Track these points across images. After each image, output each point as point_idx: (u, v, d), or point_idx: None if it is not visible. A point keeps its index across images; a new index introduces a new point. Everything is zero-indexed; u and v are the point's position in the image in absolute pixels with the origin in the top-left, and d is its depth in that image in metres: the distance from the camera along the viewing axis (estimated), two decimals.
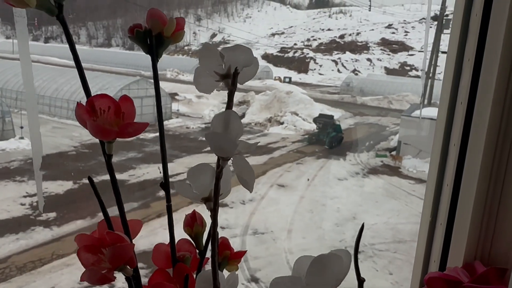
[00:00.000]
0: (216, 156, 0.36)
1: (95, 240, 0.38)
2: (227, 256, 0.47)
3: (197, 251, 0.46)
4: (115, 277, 0.37)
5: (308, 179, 10.29)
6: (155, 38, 0.40)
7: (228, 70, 0.36)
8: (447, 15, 15.65)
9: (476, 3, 0.65)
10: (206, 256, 0.46)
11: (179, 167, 10.40)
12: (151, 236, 6.57)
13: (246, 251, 0.47)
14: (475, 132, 0.66)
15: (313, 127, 16.35)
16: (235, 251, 0.48)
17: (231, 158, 0.36)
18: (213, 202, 0.38)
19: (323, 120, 15.28)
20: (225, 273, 0.48)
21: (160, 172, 0.43)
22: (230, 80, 0.36)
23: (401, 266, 6.66)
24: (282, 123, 17.07)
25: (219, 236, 0.48)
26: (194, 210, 0.46)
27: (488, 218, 0.66)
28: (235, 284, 0.40)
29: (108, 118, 0.38)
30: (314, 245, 7.29)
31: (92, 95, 0.39)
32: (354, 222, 8.33)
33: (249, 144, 0.36)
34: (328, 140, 14.20)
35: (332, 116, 16.05)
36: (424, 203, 0.76)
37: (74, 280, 5.60)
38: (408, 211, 8.81)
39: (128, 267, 0.39)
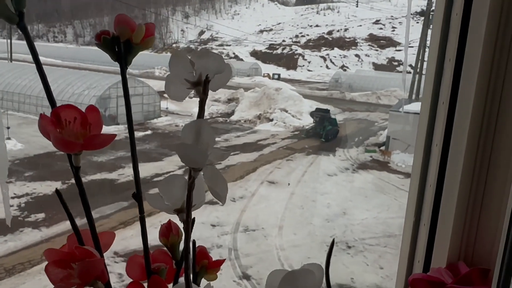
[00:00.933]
0: None
1: (64, 254, 0.37)
2: (205, 265, 0.46)
3: (174, 261, 0.45)
4: None
5: (289, 184, 10.18)
6: (123, 45, 0.39)
7: (199, 77, 0.35)
8: (433, 10, 15.72)
9: (457, 3, 0.65)
10: (183, 267, 0.44)
11: (169, 165, 10.35)
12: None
13: (225, 259, 0.46)
14: (457, 132, 0.65)
15: (302, 123, 16.72)
16: (213, 259, 0.47)
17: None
18: (186, 213, 0.37)
19: (320, 114, 15.77)
20: (205, 282, 0.47)
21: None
22: (202, 87, 0.35)
23: (391, 260, 6.71)
24: (271, 120, 17.08)
25: (197, 245, 0.47)
26: (169, 220, 0.45)
27: (471, 219, 0.66)
28: None
29: (74, 130, 0.36)
30: (305, 241, 7.31)
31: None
32: (344, 217, 8.38)
33: (222, 153, 0.35)
34: (325, 133, 14.70)
35: (328, 110, 16.50)
36: (408, 204, 0.76)
37: None
38: (398, 206, 8.87)
39: (99, 282, 0.38)
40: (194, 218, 0.42)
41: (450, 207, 0.66)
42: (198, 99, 0.35)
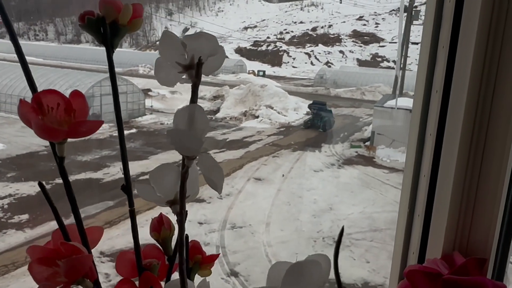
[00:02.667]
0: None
1: (49, 251, 0.34)
2: (198, 261, 0.44)
3: (166, 257, 0.43)
4: None
5: (283, 175, 10.40)
6: (109, 27, 0.36)
7: (191, 60, 0.33)
8: (416, 7, 15.89)
9: None
10: (176, 262, 0.42)
11: (154, 163, 10.18)
12: (127, 234, 6.47)
13: (219, 254, 0.44)
14: (451, 120, 0.64)
15: (287, 119, 17.05)
16: (207, 254, 0.45)
17: (197, 157, 0.33)
18: (180, 205, 0.35)
19: (317, 107, 16.42)
20: (198, 278, 0.45)
21: (123, 173, 0.39)
22: (194, 71, 0.33)
23: (377, 254, 6.76)
24: (257, 117, 17.08)
25: (190, 240, 0.44)
26: (161, 213, 0.42)
27: (465, 208, 0.65)
28: None
29: (57, 117, 0.34)
30: (292, 237, 7.32)
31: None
32: (330, 212, 8.41)
33: (217, 140, 0.33)
34: (322, 124, 15.51)
35: (325, 103, 17.16)
36: (402, 195, 0.74)
37: None
38: (383, 200, 8.94)
39: (87, 280, 0.35)
40: (186, 211, 0.40)
41: (444, 197, 0.65)
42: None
